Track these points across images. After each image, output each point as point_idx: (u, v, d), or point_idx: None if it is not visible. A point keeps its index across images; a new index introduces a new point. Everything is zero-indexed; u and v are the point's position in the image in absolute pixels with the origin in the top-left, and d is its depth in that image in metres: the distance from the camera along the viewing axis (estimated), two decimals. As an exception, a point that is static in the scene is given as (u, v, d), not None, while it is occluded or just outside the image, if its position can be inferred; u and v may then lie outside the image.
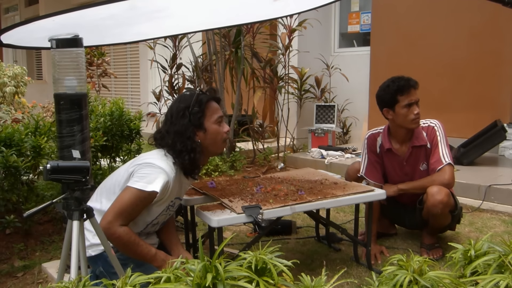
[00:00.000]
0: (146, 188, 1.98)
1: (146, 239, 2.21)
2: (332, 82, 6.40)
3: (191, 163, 2.11)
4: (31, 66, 12.88)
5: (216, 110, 2.17)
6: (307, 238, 3.21)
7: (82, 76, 2.38)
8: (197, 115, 2.09)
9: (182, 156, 2.08)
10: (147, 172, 2.02)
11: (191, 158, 2.08)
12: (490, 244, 1.28)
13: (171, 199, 2.17)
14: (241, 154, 5.35)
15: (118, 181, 2.12)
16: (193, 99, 2.10)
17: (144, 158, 2.11)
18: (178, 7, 2.58)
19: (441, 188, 2.67)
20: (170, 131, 2.11)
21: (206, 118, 2.12)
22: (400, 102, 2.73)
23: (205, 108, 2.12)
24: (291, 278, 1.17)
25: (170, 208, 2.23)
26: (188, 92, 2.20)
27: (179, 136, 2.08)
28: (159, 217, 2.20)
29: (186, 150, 2.07)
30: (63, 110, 2.37)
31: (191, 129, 2.09)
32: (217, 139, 2.16)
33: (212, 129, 2.13)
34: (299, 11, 3.54)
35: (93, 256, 2.09)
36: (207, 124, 2.12)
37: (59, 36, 2.30)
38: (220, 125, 2.16)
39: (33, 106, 6.69)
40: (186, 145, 2.07)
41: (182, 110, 2.10)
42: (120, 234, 1.97)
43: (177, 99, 2.21)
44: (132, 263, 2.04)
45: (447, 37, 5.51)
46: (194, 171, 2.19)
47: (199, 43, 6.44)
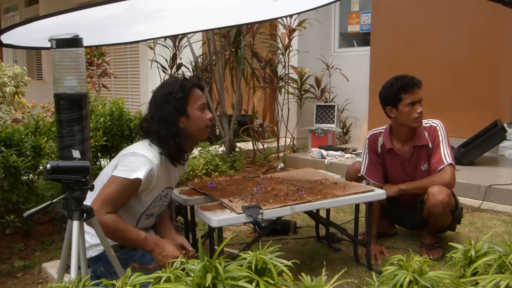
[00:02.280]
0: (130, 176, 1.99)
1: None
2: (332, 82, 6.40)
3: (177, 148, 2.12)
4: (31, 66, 12.87)
5: (199, 97, 2.18)
6: (307, 238, 3.21)
7: (82, 76, 2.38)
8: (180, 101, 2.10)
9: (167, 141, 2.10)
10: (131, 160, 2.04)
11: (176, 143, 2.10)
12: (491, 244, 1.28)
13: (161, 188, 2.16)
14: (241, 154, 5.35)
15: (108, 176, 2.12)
16: (177, 85, 2.12)
17: (128, 149, 2.13)
18: (178, 7, 2.58)
19: (442, 188, 2.67)
20: (155, 117, 2.12)
21: (189, 104, 2.13)
22: (403, 100, 2.73)
23: (189, 94, 2.14)
24: (291, 278, 1.17)
25: (163, 199, 2.22)
26: (172, 78, 2.21)
27: (163, 122, 2.09)
28: (152, 208, 2.18)
29: (170, 135, 2.09)
30: (63, 110, 2.37)
31: (175, 115, 2.10)
32: (200, 126, 2.17)
33: (195, 116, 2.14)
34: (299, 11, 3.54)
35: (93, 257, 2.09)
36: (190, 110, 2.13)
37: (59, 36, 2.30)
38: (203, 112, 2.17)
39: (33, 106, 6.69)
40: (170, 130, 2.09)
41: (166, 95, 2.11)
42: (106, 221, 1.96)
43: (160, 85, 2.22)
44: (131, 263, 2.05)
45: (447, 37, 5.51)
46: (180, 156, 2.19)
47: (199, 43, 6.44)
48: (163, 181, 2.16)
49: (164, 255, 2.02)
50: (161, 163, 2.11)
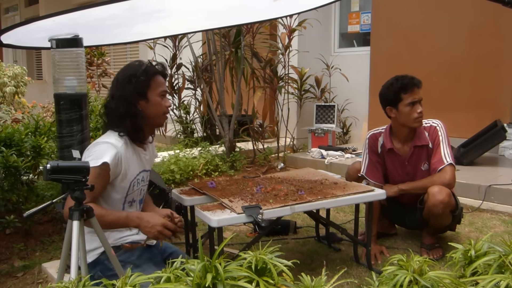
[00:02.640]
0: (96, 163, 1.98)
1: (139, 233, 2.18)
2: (332, 82, 6.40)
3: (133, 127, 2.13)
4: (31, 66, 12.87)
5: (161, 84, 2.20)
6: (307, 238, 3.21)
7: (82, 76, 2.39)
8: (142, 84, 2.12)
9: (124, 120, 2.11)
10: (94, 150, 2.05)
11: (133, 122, 2.11)
12: (490, 244, 1.28)
13: (134, 172, 2.15)
14: (241, 154, 5.35)
15: None
16: (141, 68, 2.14)
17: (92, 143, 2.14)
18: (178, 7, 2.58)
19: (442, 188, 2.67)
20: (115, 95, 2.14)
21: (150, 89, 2.14)
22: (403, 100, 2.73)
23: (151, 79, 2.15)
24: (291, 278, 1.17)
25: (141, 183, 2.22)
26: (137, 61, 2.22)
27: (122, 101, 2.11)
28: (131, 193, 2.18)
29: (128, 114, 2.10)
30: (63, 110, 2.37)
31: (135, 96, 2.12)
32: (159, 111, 2.18)
33: (155, 101, 2.15)
34: (299, 11, 3.55)
35: (90, 263, 2.08)
36: (150, 94, 2.14)
37: (59, 36, 2.30)
38: (163, 99, 2.19)
39: (33, 106, 6.69)
40: (129, 110, 2.10)
41: (128, 77, 2.12)
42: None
43: (125, 67, 2.23)
44: (129, 265, 2.04)
45: (447, 37, 5.51)
46: (138, 135, 2.18)
47: (199, 43, 6.45)
48: (134, 164, 2.15)
49: (151, 226, 2.01)
50: (126, 146, 2.11)
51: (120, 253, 2.10)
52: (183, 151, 5.15)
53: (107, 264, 2.06)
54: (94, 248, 2.08)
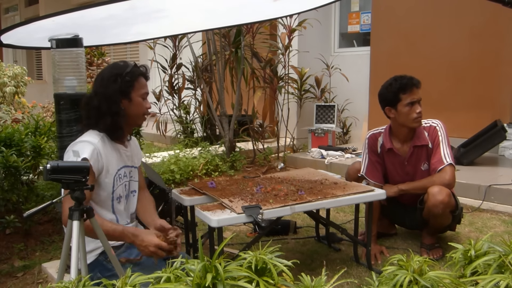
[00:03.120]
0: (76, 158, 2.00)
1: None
2: (332, 82, 6.40)
3: (113, 125, 2.15)
4: (31, 66, 12.88)
5: (144, 86, 2.24)
6: (307, 238, 3.21)
7: (82, 76, 2.39)
8: (127, 84, 2.15)
9: (105, 118, 2.12)
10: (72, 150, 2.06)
11: (114, 120, 2.14)
12: (490, 244, 1.28)
13: (115, 167, 2.16)
14: (241, 154, 5.35)
15: None
16: (127, 69, 2.17)
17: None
18: (177, 7, 2.58)
19: (442, 188, 2.67)
20: (99, 92, 2.15)
21: (134, 89, 2.18)
22: (402, 100, 2.73)
23: (135, 80, 2.19)
24: (291, 278, 1.17)
25: (123, 178, 2.23)
26: (122, 62, 2.25)
27: (106, 99, 2.13)
28: (116, 189, 2.19)
29: (109, 112, 2.13)
30: (63, 110, 2.37)
31: (118, 95, 2.15)
32: (139, 112, 2.22)
33: (137, 101, 2.19)
34: (299, 11, 3.55)
35: (89, 264, 2.08)
36: (133, 95, 2.18)
37: (59, 36, 2.30)
38: (144, 101, 2.23)
39: (33, 106, 6.69)
40: (111, 108, 2.13)
41: (114, 76, 2.15)
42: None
43: (110, 66, 2.26)
44: (129, 264, 2.05)
45: (447, 37, 5.51)
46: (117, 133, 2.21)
47: (199, 43, 6.45)
48: (113, 159, 2.16)
49: (145, 245, 2.01)
50: (103, 142, 2.12)
51: (120, 251, 2.11)
52: (183, 151, 5.15)
53: (106, 265, 2.06)
54: (92, 249, 2.09)
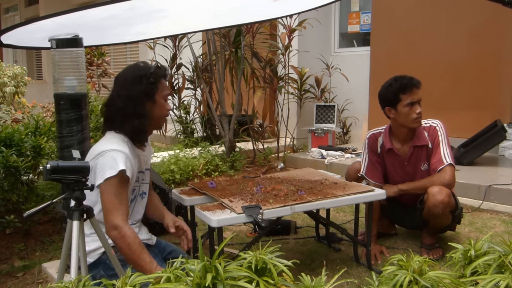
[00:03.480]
0: (113, 173, 1.98)
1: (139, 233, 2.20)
2: (332, 82, 6.40)
3: (140, 127, 2.14)
4: (31, 66, 12.87)
5: (166, 88, 2.24)
6: (307, 238, 3.21)
7: (82, 76, 2.39)
8: (151, 86, 2.14)
9: (131, 120, 2.10)
10: (104, 160, 2.02)
11: (140, 122, 2.12)
12: (490, 244, 1.28)
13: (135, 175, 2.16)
14: (241, 154, 5.35)
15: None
16: (151, 70, 2.15)
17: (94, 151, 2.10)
18: (177, 7, 2.58)
19: (442, 188, 2.67)
20: (122, 94, 2.12)
21: (158, 91, 2.17)
22: (402, 101, 2.73)
23: (159, 82, 2.18)
24: (291, 278, 1.17)
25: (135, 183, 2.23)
26: (142, 62, 2.24)
27: (131, 101, 2.11)
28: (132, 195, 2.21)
29: (135, 114, 2.10)
30: (63, 110, 2.37)
31: (143, 97, 2.13)
32: (162, 113, 2.22)
33: (160, 103, 2.19)
34: (299, 11, 3.55)
35: (92, 263, 2.08)
36: (157, 96, 2.17)
37: (59, 36, 2.30)
38: (166, 102, 2.24)
39: (33, 106, 6.69)
40: (137, 110, 2.11)
41: (138, 77, 2.12)
42: (126, 233, 1.94)
43: (131, 67, 2.23)
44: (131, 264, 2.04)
45: (447, 37, 5.51)
46: (142, 136, 2.21)
47: (199, 43, 6.45)
48: (135, 167, 2.16)
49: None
50: (130, 150, 2.11)
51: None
52: (183, 151, 5.15)
53: (109, 264, 2.06)
54: (96, 248, 2.08)
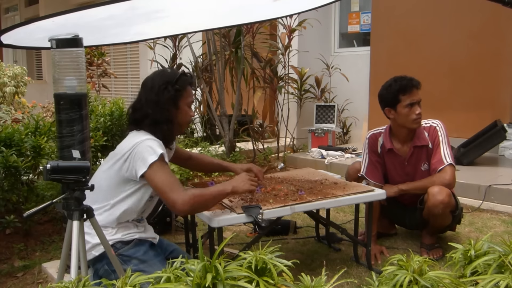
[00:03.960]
0: (156, 158, 2.03)
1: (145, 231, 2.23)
2: (332, 82, 6.40)
3: (169, 132, 2.20)
4: (31, 66, 12.86)
5: (191, 95, 2.29)
6: (307, 238, 3.21)
7: (82, 76, 2.38)
8: (177, 93, 2.19)
9: (160, 125, 2.16)
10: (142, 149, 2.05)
11: (168, 128, 2.18)
12: (490, 244, 1.28)
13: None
14: (241, 154, 5.35)
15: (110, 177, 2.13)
16: (177, 77, 2.20)
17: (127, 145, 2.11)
18: (177, 7, 2.58)
19: (442, 188, 2.67)
20: (149, 100, 2.18)
21: (183, 98, 2.22)
22: (402, 101, 2.73)
23: (185, 89, 2.23)
24: (291, 278, 1.17)
25: None
26: (169, 68, 2.27)
27: (159, 106, 2.16)
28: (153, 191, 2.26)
29: (164, 120, 2.16)
30: (63, 110, 2.37)
31: (169, 103, 2.18)
32: (185, 120, 2.28)
33: (184, 110, 2.24)
34: (299, 11, 3.55)
35: (97, 256, 2.10)
36: (181, 103, 2.22)
37: (59, 36, 2.30)
38: (190, 109, 2.29)
39: (33, 106, 6.69)
40: (164, 115, 2.16)
41: (165, 83, 2.18)
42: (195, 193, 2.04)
43: (159, 73, 2.28)
44: (136, 260, 2.06)
45: (447, 37, 5.51)
46: (171, 140, 2.30)
47: (199, 43, 6.44)
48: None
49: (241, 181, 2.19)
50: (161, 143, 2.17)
51: (128, 247, 2.13)
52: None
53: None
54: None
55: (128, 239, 2.14)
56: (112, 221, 2.12)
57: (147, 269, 2.03)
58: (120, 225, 2.14)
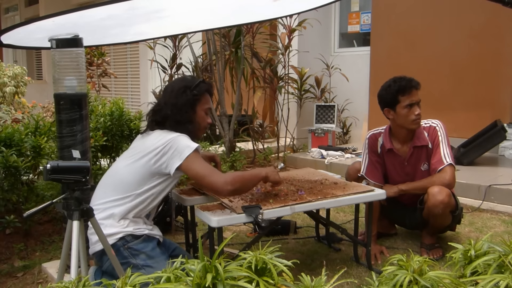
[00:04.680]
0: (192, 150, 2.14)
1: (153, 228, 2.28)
2: (332, 82, 6.40)
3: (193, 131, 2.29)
4: (31, 66, 12.86)
5: (208, 102, 2.38)
6: (307, 238, 3.21)
7: (82, 76, 2.38)
8: (194, 97, 2.28)
9: (182, 125, 2.25)
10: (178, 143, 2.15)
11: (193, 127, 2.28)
12: (490, 244, 1.28)
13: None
14: (241, 154, 5.34)
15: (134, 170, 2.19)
16: (196, 83, 2.30)
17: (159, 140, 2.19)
18: (177, 7, 2.58)
19: (442, 188, 2.67)
20: (168, 102, 2.27)
21: (200, 104, 2.31)
22: (401, 102, 2.72)
23: (202, 95, 2.32)
24: (291, 278, 1.17)
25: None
26: (190, 76, 2.35)
27: (177, 109, 2.25)
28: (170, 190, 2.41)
29: (184, 120, 2.25)
30: (63, 110, 2.37)
31: (188, 107, 2.27)
32: (201, 126, 2.35)
33: (200, 115, 2.32)
34: (299, 11, 3.55)
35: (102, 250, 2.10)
36: (198, 109, 2.31)
37: (59, 36, 2.30)
38: (207, 115, 2.37)
39: (33, 106, 6.68)
40: (184, 116, 2.25)
41: (184, 88, 2.28)
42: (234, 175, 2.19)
43: (179, 78, 2.44)
44: (144, 255, 2.12)
45: (447, 37, 5.51)
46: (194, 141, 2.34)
47: (199, 43, 6.44)
48: None
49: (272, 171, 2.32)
50: None
51: (138, 242, 2.16)
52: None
53: (122, 252, 2.12)
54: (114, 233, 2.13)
55: (138, 233, 2.18)
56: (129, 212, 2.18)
57: (154, 265, 2.08)
58: (133, 219, 2.19)
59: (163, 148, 2.15)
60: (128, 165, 2.22)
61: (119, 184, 2.20)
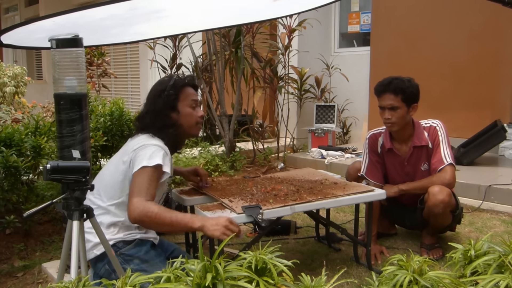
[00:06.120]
0: (149, 163, 2.05)
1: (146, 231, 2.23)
2: (332, 82, 6.40)
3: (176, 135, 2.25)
4: (31, 66, 12.86)
5: (191, 95, 2.30)
6: (307, 238, 3.21)
7: (82, 76, 2.38)
8: (171, 97, 2.24)
9: (164, 131, 2.20)
10: (144, 152, 2.09)
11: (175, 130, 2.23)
12: (490, 244, 1.28)
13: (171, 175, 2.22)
14: (241, 154, 5.35)
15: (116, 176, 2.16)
16: (170, 83, 2.26)
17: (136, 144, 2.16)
18: (178, 7, 2.58)
19: (442, 188, 2.67)
20: (149, 110, 2.26)
21: (180, 101, 2.26)
22: (378, 102, 2.80)
23: (180, 92, 2.26)
24: (291, 278, 1.17)
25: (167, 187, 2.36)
26: (167, 77, 2.33)
27: (156, 115, 2.22)
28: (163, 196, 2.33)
29: (165, 125, 2.21)
30: (63, 110, 2.37)
31: (166, 109, 2.23)
32: (191, 122, 2.29)
33: (185, 112, 2.27)
34: (299, 11, 3.54)
35: (98, 256, 2.10)
36: (180, 106, 2.26)
37: (59, 36, 2.30)
38: (194, 109, 2.30)
39: (33, 106, 6.68)
40: (164, 121, 2.22)
41: (159, 92, 2.25)
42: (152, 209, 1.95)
43: (157, 83, 2.36)
44: (137, 260, 2.06)
45: (448, 37, 5.51)
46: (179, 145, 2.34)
47: (199, 43, 6.45)
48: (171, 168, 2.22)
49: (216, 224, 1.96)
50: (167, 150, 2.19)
51: (130, 247, 2.14)
52: (183, 151, 5.15)
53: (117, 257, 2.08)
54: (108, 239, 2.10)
55: (129, 239, 2.15)
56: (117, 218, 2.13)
57: (148, 269, 2.04)
58: (123, 225, 2.15)
59: (132, 152, 2.12)
60: (113, 170, 2.20)
61: (104, 189, 2.17)
